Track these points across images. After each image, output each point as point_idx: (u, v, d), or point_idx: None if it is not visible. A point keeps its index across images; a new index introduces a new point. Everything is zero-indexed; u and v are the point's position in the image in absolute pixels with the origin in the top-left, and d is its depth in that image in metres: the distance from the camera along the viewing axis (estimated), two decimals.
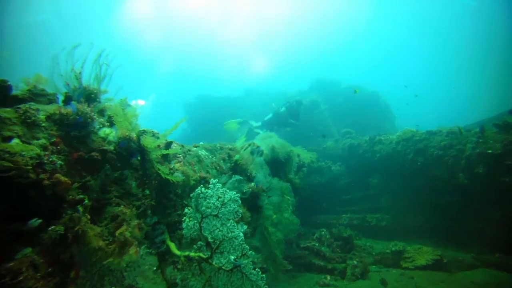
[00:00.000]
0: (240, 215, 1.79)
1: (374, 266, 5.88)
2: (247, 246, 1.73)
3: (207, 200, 1.73)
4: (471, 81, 32.88)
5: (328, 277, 5.16)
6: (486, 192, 5.93)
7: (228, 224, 1.71)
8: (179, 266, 1.79)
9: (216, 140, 11.74)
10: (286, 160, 4.55)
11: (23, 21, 25.18)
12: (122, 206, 1.48)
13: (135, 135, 1.60)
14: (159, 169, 1.69)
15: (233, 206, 1.75)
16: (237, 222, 2.90)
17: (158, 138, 2.30)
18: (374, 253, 6.23)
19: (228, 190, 1.76)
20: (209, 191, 1.76)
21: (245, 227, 2.97)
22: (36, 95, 1.50)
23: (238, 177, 2.71)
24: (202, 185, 1.83)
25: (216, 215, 1.72)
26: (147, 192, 1.85)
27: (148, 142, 1.61)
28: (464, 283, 4.77)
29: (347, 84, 13.98)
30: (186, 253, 1.78)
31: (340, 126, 12.34)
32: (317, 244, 6.40)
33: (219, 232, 1.73)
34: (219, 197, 1.72)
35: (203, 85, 28.11)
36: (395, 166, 7.84)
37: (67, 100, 1.62)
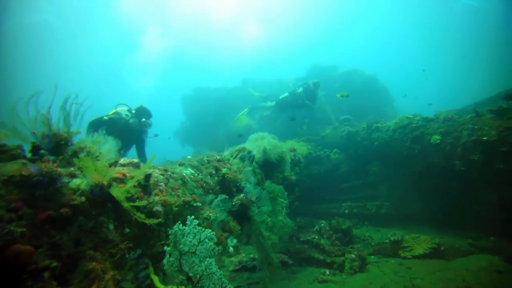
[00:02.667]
0: (216, 252, 1.81)
1: (373, 257, 5.99)
2: (225, 281, 1.77)
3: (184, 237, 1.76)
4: (468, 62, 32.31)
5: (327, 272, 5.28)
6: (482, 178, 5.93)
7: (205, 262, 1.74)
8: None
9: (215, 133, 11.72)
10: (279, 162, 4.56)
11: (23, 21, 24.89)
12: (98, 256, 1.51)
13: (106, 183, 1.61)
14: (134, 215, 1.70)
15: (209, 244, 1.78)
16: (227, 237, 2.95)
17: (138, 167, 2.31)
18: (373, 243, 6.32)
19: (203, 229, 1.79)
20: (186, 228, 1.78)
21: (234, 241, 3.03)
22: None
23: (223, 196, 2.73)
24: (179, 222, 1.85)
25: (194, 252, 1.76)
26: (127, 230, 1.87)
27: (118, 193, 1.62)
28: (459, 271, 4.85)
29: (344, 69, 13.74)
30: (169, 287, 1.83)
31: (339, 112, 12.24)
32: (316, 237, 6.51)
33: (198, 268, 1.76)
34: (195, 235, 1.75)
35: (200, 77, 27.82)
36: (393, 153, 7.82)
37: (35, 150, 1.61)
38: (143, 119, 6.17)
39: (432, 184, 7.15)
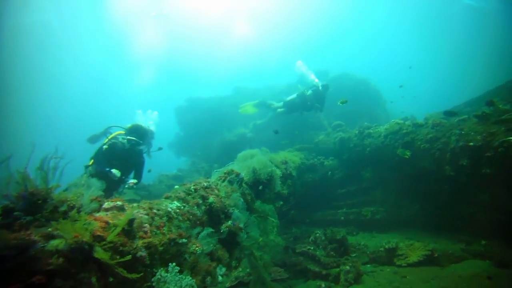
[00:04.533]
0: None
1: (368, 266, 6.03)
2: None
3: (166, 284, 1.80)
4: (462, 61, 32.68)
5: (323, 285, 5.31)
6: (472, 182, 6.01)
7: None
8: None
9: (210, 143, 11.68)
10: (269, 180, 4.60)
11: (23, 21, 24.81)
12: None
13: (86, 240, 1.64)
14: (117, 269, 1.73)
15: None
16: (215, 267, 2.98)
17: (123, 209, 2.34)
18: (368, 252, 6.36)
19: (184, 277, 1.82)
20: (168, 275, 1.82)
21: (223, 269, 3.06)
22: None
23: (209, 229, 2.77)
24: (162, 269, 1.88)
25: None
26: (111, 279, 1.90)
27: (102, 255, 1.65)
28: (453, 278, 4.91)
29: (335, 73, 13.83)
30: None
31: (332, 116, 12.32)
32: (312, 248, 6.54)
33: None
34: (176, 283, 1.79)
35: (192, 87, 27.87)
36: (386, 158, 7.89)
37: (7, 214, 1.60)
38: (132, 138, 6.00)
39: (424, 188, 7.23)
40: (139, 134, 6.19)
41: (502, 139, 5.06)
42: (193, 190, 3.26)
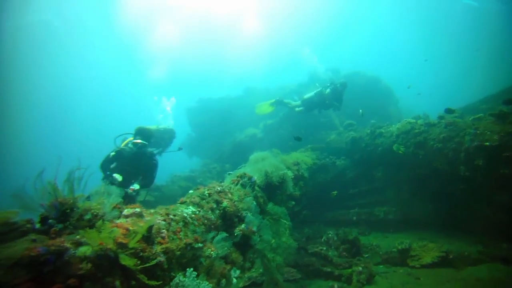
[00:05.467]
0: None
1: (381, 266, 6.03)
2: None
3: None
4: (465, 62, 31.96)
5: (336, 285, 5.35)
6: (488, 182, 5.90)
7: None
8: None
9: (221, 143, 11.83)
10: (281, 183, 4.66)
11: (23, 21, 25.33)
12: None
13: (110, 247, 1.75)
14: (139, 275, 1.84)
15: None
16: (230, 269, 3.08)
17: (142, 216, 2.46)
18: (381, 252, 6.35)
19: (201, 282, 1.92)
20: (186, 280, 1.92)
21: (237, 271, 3.15)
22: (4, 233, 1.65)
23: (224, 234, 2.86)
24: (181, 274, 1.98)
25: None
26: (133, 282, 2.01)
27: (127, 261, 1.76)
28: (469, 281, 4.86)
29: (346, 71, 13.72)
30: None
31: (343, 115, 12.24)
32: (324, 248, 6.58)
33: None
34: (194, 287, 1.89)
35: (203, 89, 28.08)
36: (397, 158, 7.82)
37: (43, 221, 1.77)
38: (138, 141, 6.00)
39: (438, 188, 7.13)
40: (144, 135, 6.19)
41: None
42: (207, 194, 3.36)
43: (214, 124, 14.26)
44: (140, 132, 6.25)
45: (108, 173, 5.59)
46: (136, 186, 5.90)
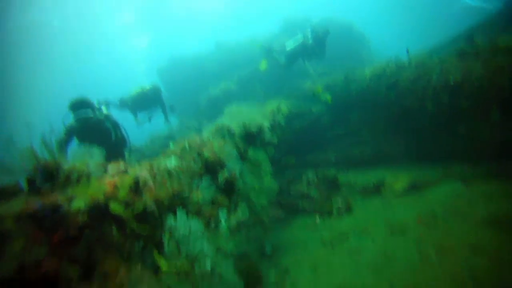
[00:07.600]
0: (205, 239, 2.17)
1: (359, 199, 6.63)
2: (219, 256, 2.16)
3: (177, 230, 2.10)
4: None
5: (318, 218, 5.91)
6: (451, 116, 6.36)
7: (198, 244, 2.11)
8: (167, 277, 2.25)
9: (196, 100, 11.68)
10: (258, 133, 4.83)
11: (23, 21, 23.47)
12: (109, 257, 1.85)
13: (101, 199, 1.88)
14: (131, 224, 2.00)
15: (199, 233, 2.13)
16: (217, 209, 3.33)
17: (126, 172, 2.57)
18: (358, 188, 6.92)
19: (191, 219, 2.12)
20: (178, 223, 2.11)
21: (224, 210, 3.42)
22: None
23: (207, 178, 3.05)
24: (172, 216, 2.17)
25: (187, 239, 2.11)
26: (127, 230, 2.19)
27: (116, 208, 1.89)
28: (433, 202, 5.49)
29: (317, 19, 13.34)
30: (172, 268, 2.22)
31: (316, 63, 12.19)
32: (306, 188, 7.07)
33: (194, 250, 2.13)
34: (186, 228, 2.09)
35: (172, 45, 26.64)
36: (371, 100, 8.13)
37: (30, 184, 1.84)
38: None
39: (408, 125, 7.60)
40: (83, 105, 5.51)
41: (479, 73, 5.27)
42: (188, 147, 3.47)
43: (188, 82, 13.88)
44: (78, 105, 5.46)
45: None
46: None
